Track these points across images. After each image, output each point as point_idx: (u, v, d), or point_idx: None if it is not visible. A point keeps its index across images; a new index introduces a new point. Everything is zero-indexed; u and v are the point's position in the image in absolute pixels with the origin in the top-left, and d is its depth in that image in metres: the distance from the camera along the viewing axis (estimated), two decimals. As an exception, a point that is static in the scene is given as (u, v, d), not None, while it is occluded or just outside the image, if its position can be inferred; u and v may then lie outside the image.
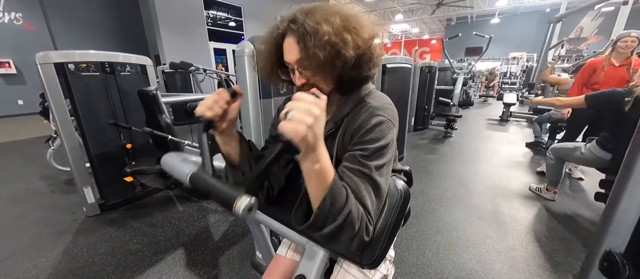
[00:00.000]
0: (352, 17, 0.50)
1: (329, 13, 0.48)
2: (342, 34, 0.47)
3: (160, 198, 2.10)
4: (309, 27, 0.46)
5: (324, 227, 0.44)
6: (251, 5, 8.39)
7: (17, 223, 1.80)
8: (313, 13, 0.48)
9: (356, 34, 0.49)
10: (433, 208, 1.95)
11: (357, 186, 0.48)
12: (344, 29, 0.47)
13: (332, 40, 0.46)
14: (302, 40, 0.47)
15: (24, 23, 5.79)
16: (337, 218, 0.43)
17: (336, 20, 0.47)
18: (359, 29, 0.49)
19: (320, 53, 0.46)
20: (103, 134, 1.78)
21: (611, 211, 1.01)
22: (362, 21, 0.51)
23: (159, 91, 1.57)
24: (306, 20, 0.47)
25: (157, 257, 1.43)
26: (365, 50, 0.50)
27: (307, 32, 0.46)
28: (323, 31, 0.46)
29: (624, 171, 0.99)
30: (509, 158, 3.06)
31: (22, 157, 3.19)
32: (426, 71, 4.05)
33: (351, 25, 0.49)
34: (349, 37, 0.47)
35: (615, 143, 1.56)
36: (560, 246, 1.52)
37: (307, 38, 0.47)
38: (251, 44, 1.21)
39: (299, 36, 0.48)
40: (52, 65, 1.51)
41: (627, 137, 0.97)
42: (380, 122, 0.51)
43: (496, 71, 9.39)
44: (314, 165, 0.41)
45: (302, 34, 0.47)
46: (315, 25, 0.46)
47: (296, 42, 0.49)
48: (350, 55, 0.48)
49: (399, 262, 1.40)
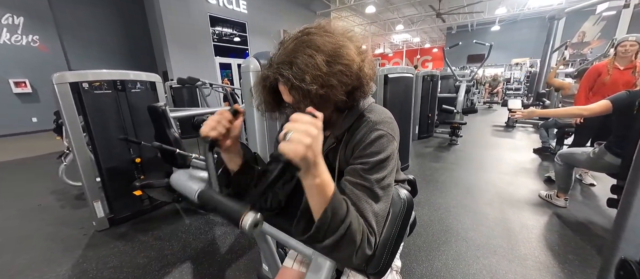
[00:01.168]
0: (337, 55, 0.49)
1: (313, 56, 0.48)
2: (329, 81, 0.48)
3: (168, 211, 2.12)
4: (295, 82, 0.48)
5: (325, 239, 0.44)
6: (255, 22, 8.67)
7: (28, 237, 1.83)
8: (295, 60, 0.48)
9: (343, 74, 0.50)
10: (440, 217, 1.92)
11: (359, 200, 0.49)
12: (330, 75, 0.48)
13: (319, 93, 0.48)
14: (292, 90, 0.50)
15: (40, 45, 6.09)
16: (338, 230, 0.44)
17: (320, 66, 0.48)
18: (345, 68, 0.50)
19: (312, 99, 0.49)
20: (113, 149, 1.83)
21: (623, 218, 0.98)
22: (348, 53, 0.51)
23: (167, 106, 1.63)
24: (290, 74, 0.48)
25: (164, 271, 1.44)
26: (356, 84, 0.53)
27: (294, 87, 0.49)
28: (309, 87, 0.48)
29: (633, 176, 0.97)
30: (516, 164, 3.01)
31: (35, 173, 3.28)
32: (428, 79, 4.08)
33: (337, 69, 0.49)
34: (335, 82, 0.49)
35: (624, 148, 1.54)
36: (574, 256, 1.48)
37: (296, 91, 0.49)
38: (256, 60, 1.26)
39: (289, 87, 0.50)
40: (67, 84, 1.59)
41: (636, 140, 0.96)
42: (380, 136, 0.53)
43: (499, 77, 9.39)
44: (314, 179, 0.42)
45: (291, 86, 0.49)
46: (300, 81, 0.48)
47: (288, 91, 0.51)
48: (340, 98, 0.51)
49: (407, 273, 1.38)
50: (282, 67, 0.49)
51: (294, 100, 0.51)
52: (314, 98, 0.49)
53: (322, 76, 0.48)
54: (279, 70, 0.50)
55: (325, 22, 0.53)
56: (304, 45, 0.49)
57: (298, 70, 0.48)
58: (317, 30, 0.51)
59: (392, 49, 19.35)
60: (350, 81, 0.51)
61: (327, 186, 0.44)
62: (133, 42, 7.80)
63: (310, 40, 0.49)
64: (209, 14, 7.50)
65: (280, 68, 0.50)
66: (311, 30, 0.51)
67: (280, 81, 0.51)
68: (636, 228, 0.89)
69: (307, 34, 0.50)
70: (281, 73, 0.49)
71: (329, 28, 0.52)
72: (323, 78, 0.48)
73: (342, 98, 0.51)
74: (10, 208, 2.30)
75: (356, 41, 0.54)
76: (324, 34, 0.50)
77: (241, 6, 8.21)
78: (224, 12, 7.85)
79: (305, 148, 0.39)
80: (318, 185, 0.43)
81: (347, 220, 0.45)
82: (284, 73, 0.49)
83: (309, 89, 0.48)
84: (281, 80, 0.51)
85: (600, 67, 2.20)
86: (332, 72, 0.49)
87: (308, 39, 0.49)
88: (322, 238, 0.45)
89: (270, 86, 0.55)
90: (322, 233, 0.44)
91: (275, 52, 0.53)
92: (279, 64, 0.50)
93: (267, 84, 0.55)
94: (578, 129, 2.43)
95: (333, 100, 0.51)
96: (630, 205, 0.90)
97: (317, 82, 0.48)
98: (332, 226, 0.44)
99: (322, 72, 0.48)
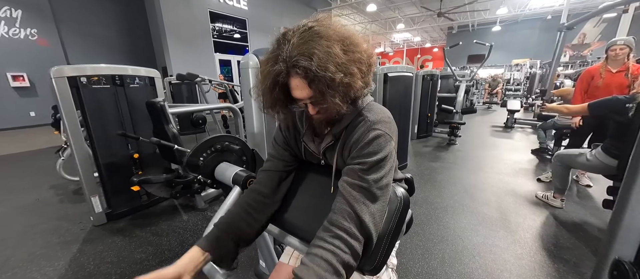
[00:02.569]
0: (351, 43, 0.50)
1: (330, 46, 0.47)
2: (350, 69, 0.48)
3: (165, 207, 2.12)
4: (319, 73, 0.46)
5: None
6: (255, 18, 8.64)
7: (26, 232, 1.83)
8: (313, 51, 0.46)
9: (360, 61, 0.50)
10: (438, 216, 1.93)
11: (356, 201, 0.50)
12: (350, 63, 0.48)
13: (344, 81, 0.47)
14: (313, 83, 0.48)
15: (38, 38, 6.04)
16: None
17: (339, 54, 0.47)
18: (361, 55, 0.50)
19: (335, 93, 0.48)
20: (111, 144, 1.83)
21: (618, 219, 0.99)
22: (358, 41, 0.51)
23: (166, 102, 1.62)
24: (311, 64, 0.46)
25: (162, 266, 1.43)
26: (367, 70, 0.53)
27: (318, 77, 0.46)
28: (333, 75, 0.46)
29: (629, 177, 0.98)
30: (514, 165, 3.02)
31: (32, 167, 3.27)
32: (428, 79, 4.08)
33: (354, 56, 0.49)
34: (355, 69, 0.49)
35: (620, 149, 1.55)
36: (569, 255, 1.49)
37: (319, 82, 0.47)
38: (255, 56, 1.25)
39: (309, 80, 0.48)
40: (65, 78, 1.58)
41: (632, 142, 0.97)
42: (378, 136, 0.53)
43: (499, 78, 9.39)
44: None
45: (312, 78, 0.47)
46: (324, 71, 0.46)
47: (307, 85, 0.49)
48: (360, 85, 0.51)
49: (404, 271, 1.39)
50: (300, 59, 0.46)
51: (315, 93, 0.49)
52: (339, 88, 0.48)
53: (344, 64, 0.47)
54: (297, 62, 0.46)
55: (322, 16, 0.53)
56: (316, 36, 0.47)
57: (319, 60, 0.46)
58: (319, 23, 0.50)
59: (393, 48, 19.31)
60: (365, 69, 0.51)
61: None
62: (132, 38, 7.76)
63: (319, 31, 0.48)
64: (209, 10, 7.46)
65: (298, 61, 0.46)
66: (314, 24, 0.49)
67: (297, 75, 0.48)
68: (631, 229, 0.89)
69: (311, 28, 0.49)
70: (300, 65, 0.46)
71: (329, 22, 0.51)
72: (345, 65, 0.47)
73: (360, 86, 0.51)
74: (8, 203, 2.29)
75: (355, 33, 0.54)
76: (328, 26, 0.50)
77: (242, 2, 8.17)
78: (225, 8, 7.81)
79: None
80: None
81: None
82: (304, 64, 0.46)
83: (334, 77, 0.46)
84: (299, 73, 0.47)
85: (593, 71, 2.22)
86: (351, 59, 0.48)
87: (316, 31, 0.48)
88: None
89: (282, 82, 0.51)
90: None
91: (276, 49, 0.50)
92: (294, 58, 0.47)
93: (279, 80, 0.50)
94: (574, 131, 2.45)
95: (354, 88, 0.50)
96: (625, 205, 0.91)
97: (341, 69, 0.47)
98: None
99: (342, 59, 0.47)
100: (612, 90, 2.05)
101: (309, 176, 0.69)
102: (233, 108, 2.32)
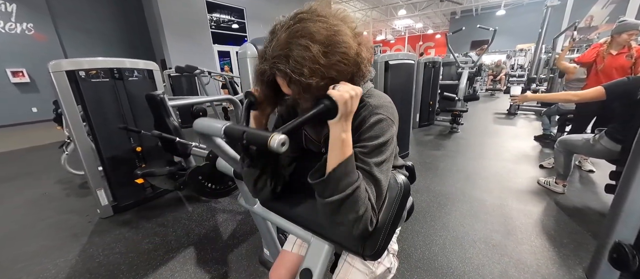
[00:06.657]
0: (333, 43, 0.47)
1: (308, 47, 0.46)
2: (329, 73, 0.48)
3: (170, 199, 2.16)
4: (294, 76, 0.47)
5: (333, 195, 0.47)
6: (253, 7, 8.46)
7: (35, 226, 1.88)
8: (290, 53, 0.46)
9: (341, 63, 0.49)
10: (439, 203, 1.95)
11: None
12: (329, 67, 0.47)
13: (320, 85, 0.48)
14: (291, 84, 0.49)
15: (35, 33, 5.98)
16: (346, 189, 0.47)
17: (317, 57, 0.46)
18: (343, 57, 0.48)
19: (313, 92, 0.49)
20: (114, 138, 1.84)
21: (620, 202, 1.00)
22: (344, 38, 0.48)
23: (165, 95, 1.62)
24: (288, 69, 0.47)
25: (168, 256, 1.48)
26: (355, 70, 0.52)
27: (293, 81, 0.48)
28: (308, 81, 0.46)
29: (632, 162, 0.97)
30: (516, 152, 3.01)
31: (38, 163, 3.31)
32: (430, 66, 4.01)
33: (335, 59, 0.48)
34: (335, 73, 0.49)
35: (625, 134, 1.53)
36: (569, 240, 1.50)
37: (294, 85, 0.49)
38: (253, 45, 1.23)
39: (288, 81, 0.49)
40: (63, 73, 1.57)
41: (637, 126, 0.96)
42: (380, 120, 0.53)
43: (502, 64, 9.21)
44: (342, 133, 0.48)
45: (289, 80, 0.49)
46: (299, 75, 0.46)
47: (287, 85, 0.50)
48: None
49: (405, 257, 1.41)
50: (278, 61, 0.48)
51: (294, 93, 0.51)
52: (314, 91, 0.48)
53: (321, 68, 0.47)
54: (275, 64, 0.48)
55: (317, 4, 0.51)
56: (297, 34, 0.46)
57: (295, 63, 0.46)
58: (309, 15, 0.48)
59: (394, 35, 18.92)
60: (349, 69, 0.50)
61: (348, 146, 0.49)
62: (130, 30, 7.66)
63: (304, 27, 0.47)
64: (206, 0, 7.31)
65: (276, 63, 0.48)
66: (303, 16, 0.48)
67: (277, 75, 0.50)
68: (632, 212, 0.90)
69: (299, 21, 0.48)
70: (278, 67, 0.48)
71: (321, 11, 0.49)
72: (322, 70, 0.47)
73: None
74: (17, 197, 2.34)
75: (350, 22, 0.52)
76: (317, 19, 0.48)
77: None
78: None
79: (349, 97, 0.47)
80: (343, 139, 0.48)
81: (356, 184, 0.48)
82: (281, 68, 0.47)
83: (309, 83, 0.47)
84: (279, 75, 0.50)
85: (598, 49, 2.17)
86: (330, 63, 0.47)
87: (301, 27, 0.47)
88: (330, 193, 0.48)
89: (268, 80, 0.53)
90: (332, 185, 0.47)
91: (268, 43, 0.51)
92: (274, 58, 0.48)
93: (264, 79, 0.53)
94: (575, 117, 2.41)
95: None
96: (628, 189, 0.91)
97: (317, 74, 0.47)
98: (342, 184, 0.47)
99: (320, 64, 0.46)
100: (612, 72, 2.01)
101: (310, 166, 0.69)
102: (233, 100, 2.31)
